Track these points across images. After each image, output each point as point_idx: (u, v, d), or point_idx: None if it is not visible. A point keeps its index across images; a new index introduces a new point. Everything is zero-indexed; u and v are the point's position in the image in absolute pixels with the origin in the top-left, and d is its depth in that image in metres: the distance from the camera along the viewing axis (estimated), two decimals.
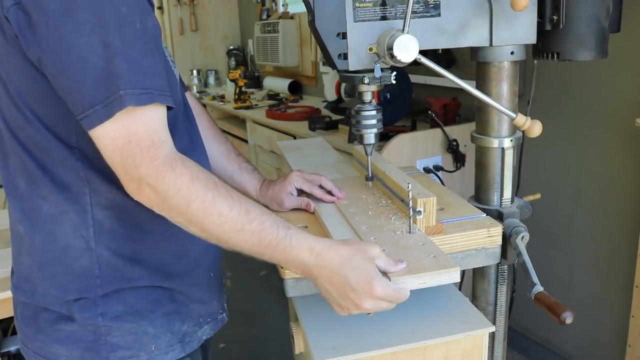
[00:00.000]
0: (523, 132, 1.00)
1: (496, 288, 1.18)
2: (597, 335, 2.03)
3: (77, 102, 0.72)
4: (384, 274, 0.80)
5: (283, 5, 4.14)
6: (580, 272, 2.05)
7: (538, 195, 1.30)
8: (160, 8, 4.77)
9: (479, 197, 1.20)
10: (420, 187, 1.02)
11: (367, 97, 1.05)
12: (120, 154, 0.72)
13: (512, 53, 1.06)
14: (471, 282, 1.21)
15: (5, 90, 0.81)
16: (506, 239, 1.07)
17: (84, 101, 0.72)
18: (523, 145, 1.19)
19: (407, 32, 0.88)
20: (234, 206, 0.76)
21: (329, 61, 1.01)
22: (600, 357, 2.04)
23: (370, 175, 1.17)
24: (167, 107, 0.76)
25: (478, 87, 1.14)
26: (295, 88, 3.89)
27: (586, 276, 2.03)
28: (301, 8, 3.77)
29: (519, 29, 1.03)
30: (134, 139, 0.72)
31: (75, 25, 0.70)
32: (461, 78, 0.96)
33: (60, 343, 0.88)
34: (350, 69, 0.99)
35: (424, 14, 1.00)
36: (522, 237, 1.05)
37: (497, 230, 1.00)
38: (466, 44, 1.04)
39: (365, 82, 1.01)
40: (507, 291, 1.19)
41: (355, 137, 1.12)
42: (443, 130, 2.06)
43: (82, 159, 0.82)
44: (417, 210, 0.95)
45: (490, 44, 1.04)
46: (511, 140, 1.13)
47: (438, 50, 1.05)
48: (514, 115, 1.00)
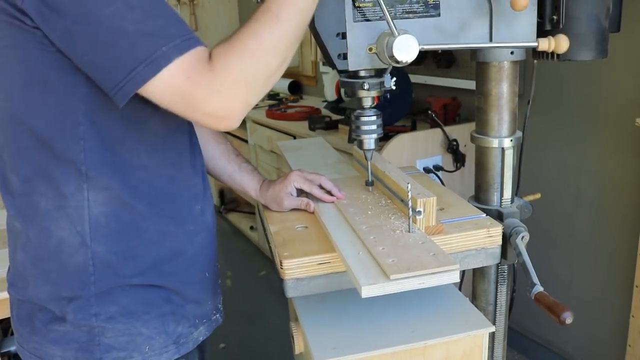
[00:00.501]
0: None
1: (496, 288, 1.18)
2: (597, 335, 2.03)
3: (116, 70, 0.73)
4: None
5: None
6: (580, 272, 2.05)
7: (538, 195, 1.30)
8: None
9: (479, 197, 1.20)
10: (420, 187, 1.02)
11: (367, 102, 1.05)
12: (182, 98, 0.74)
13: (512, 53, 1.06)
14: (471, 282, 1.21)
15: (9, 85, 0.80)
16: (506, 239, 1.07)
17: (125, 66, 0.73)
18: (523, 145, 1.19)
19: (400, 35, 0.88)
20: (265, 28, 0.78)
21: (328, 61, 1.01)
22: (600, 357, 2.04)
23: (370, 180, 1.17)
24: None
25: (478, 87, 1.14)
26: (295, 88, 3.89)
27: (586, 276, 2.03)
28: None
29: (518, 29, 1.02)
30: (186, 83, 0.74)
31: None
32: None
33: (55, 343, 0.88)
34: (350, 69, 0.99)
35: (424, 14, 1.00)
36: (522, 237, 1.05)
37: (497, 230, 1.01)
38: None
39: (365, 88, 1.01)
40: (507, 291, 1.19)
41: (355, 140, 1.12)
42: (443, 130, 2.06)
43: (86, 150, 0.81)
44: (417, 210, 0.95)
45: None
46: (511, 140, 1.13)
47: (438, 50, 1.05)
48: (535, 44, 0.98)
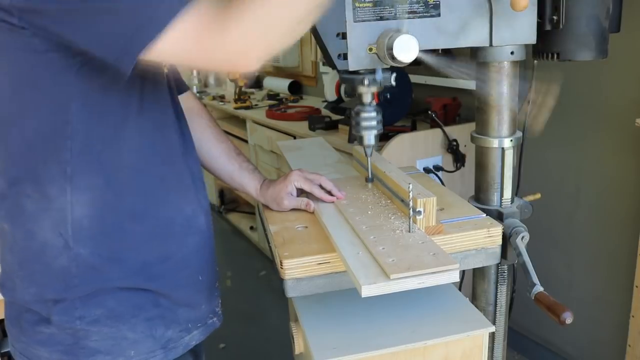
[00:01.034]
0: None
1: (496, 288, 1.18)
2: (597, 335, 2.03)
3: (121, 36, 0.72)
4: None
5: None
6: (580, 272, 2.05)
7: (538, 195, 1.30)
8: None
9: (479, 197, 1.20)
10: (421, 187, 1.01)
11: (367, 98, 1.05)
12: (193, 47, 0.73)
13: (512, 53, 1.06)
14: (471, 282, 1.21)
15: None
16: (506, 239, 1.07)
17: (130, 24, 0.71)
18: (523, 145, 1.19)
19: (404, 34, 0.88)
20: None
21: (328, 61, 1.01)
22: (600, 357, 2.04)
23: (370, 176, 1.17)
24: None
25: (478, 87, 1.14)
26: (295, 88, 3.89)
27: (586, 276, 2.03)
28: None
29: (518, 29, 1.02)
30: (196, 29, 0.73)
31: None
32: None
33: (41, 345, 0.88)
34: (350, 69, 0.99)
35: (424, 14, 1.00)
36: (522, 237, 1.05)
37: (497, 230, 1.00)
38: (466, 44, 1.04)
39: (365, 84, 1.00)
40: (507, 291, 1.19)
41: (355, 138, 1.12)
42: (443, 130, 2.06)
43: (72, 149, 0.81)
44: (417, 210, 0.95)
45: (490, 44, 1.04)
46: (511, 140, 1.13)
47: (438, 50, 1.05)
48: None
